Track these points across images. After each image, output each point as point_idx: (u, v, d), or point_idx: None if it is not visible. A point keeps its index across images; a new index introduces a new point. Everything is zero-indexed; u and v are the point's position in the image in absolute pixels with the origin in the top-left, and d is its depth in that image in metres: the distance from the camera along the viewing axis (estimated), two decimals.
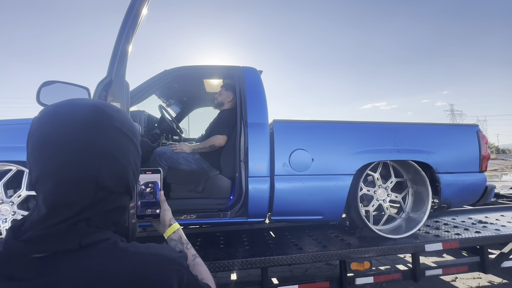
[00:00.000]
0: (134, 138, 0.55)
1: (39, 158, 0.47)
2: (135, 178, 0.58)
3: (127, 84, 1.22)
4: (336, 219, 2.12)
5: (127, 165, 0.53)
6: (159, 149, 2.13)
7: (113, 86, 1.15)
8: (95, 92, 1.18)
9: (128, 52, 1.19)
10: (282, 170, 1.98)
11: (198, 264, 0.72)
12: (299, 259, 1.83)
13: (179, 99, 3.21)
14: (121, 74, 1.17)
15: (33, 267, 0.44)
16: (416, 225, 2.14)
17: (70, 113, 0.49)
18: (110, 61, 1.18)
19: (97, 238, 0.47)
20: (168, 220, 0.79)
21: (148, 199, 0.80)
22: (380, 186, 2.22)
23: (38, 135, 0.48)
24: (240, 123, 2.06)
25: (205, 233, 2.43)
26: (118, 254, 0.47)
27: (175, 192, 2.14)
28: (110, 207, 0.51)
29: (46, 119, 0.49)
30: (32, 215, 0.48)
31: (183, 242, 0.76)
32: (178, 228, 0.78)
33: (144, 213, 0.79)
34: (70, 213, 0.47)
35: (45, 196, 0.47)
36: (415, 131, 2.21)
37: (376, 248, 1.92)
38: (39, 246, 0.45)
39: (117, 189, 0.52)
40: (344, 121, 2.15)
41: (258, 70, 2.29)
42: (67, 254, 0.45)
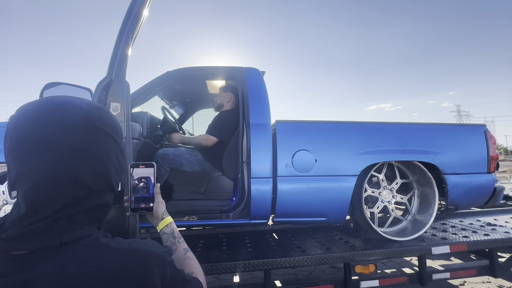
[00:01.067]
0: (115, 135, 0.55)
1: (16, 157, 0.47)
2: (119, 175, 0.57)
3: (127, 84, 1.22)
4: (340, 221, 2.08)
5: (107, 162, 0.53)
6: (161, 150, 2.13)
7: (113, 86, 1.15)
8: (95, 93, 1.18)
9: (128, 52, 1.19)
10: (285, 171, 1.95)
11: (189, 258, 0.71)
12: (303, 262, 1.80)
13: (182, 100, 3.22)
14: (121, 75, 1.17)
15: (14, 264, 0.44)
16: (423, 228, 2.09)
17: (47, 112, 0.49)
18: (110, 61, 1.17)
19: (78, 235, 0.47)
20: (161, 213, 0.79)
21: (142, 194, 0.79)
22: (385, 187, 2.18)
23: (15, 133, 0.47)
24: (242, 124, 2.05)
25: (208, 234, 2.41)
26: (99, 250, 0.47)
27: (177, 194, 2.14)
28: (92, 205, 0.51)
29: (22, 118, 0.48)
30: (13, 213, 0.48)
31: (175, 236, 0.76)
32: (170, 222, 0.78)
33: (138, 206, 0.79)
34: (50, 211, 0.46)
35: (24, 194, 0.47)
36: (421, 131, 2.16)
37: (382, 250, 1.88)
38: (19, 244, 0.45)
39: (98, 187, 0.52)
40: (348, 121, 2.12)
41: (260, 71, 2.28)
42: (47, 251, 0.45)
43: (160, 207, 0.79)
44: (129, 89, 1.24)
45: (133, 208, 0.79)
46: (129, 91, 1.23)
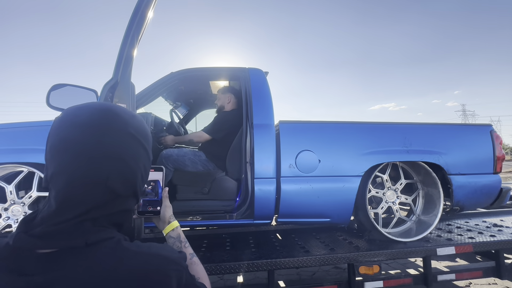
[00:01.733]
0: (146, 144, 0.57)
1: (55, 157, 0.50)
2: (143, 182, 0.59)
3: (132, 85, 1.23)
4: (344, 221, 2.08)
5: (136, 170, 0.55)
6: (165, 151, 2.15)
7: (118, 87, 1.17)
8: (101, 94, 1.20)
9: (133, 54, 1.20)
10: (289, 172, 1.95)
11: (195, 263, 0.72)
12: (306, 262, 1.80)
13: (185, 101, 3.24)
14: (126, 76, 1.18)
15: (40, 263, 0.45)
16: (427, 228, 2.08)
17: (87, 117, 0.51)
18: (116, 63, 1.19)
19: (102, 237, 0.49)
20: (168, 217, 0.79)
21: (150, 197, 0.80)
22: (389, 188, 2.17)
23: (57, 135, 0.51)
24: (246, 124, 2.05)
25: (211, 234, 2.42)
26: (121, 252, 0.49)
27: (181, 194, 2.15)
28: (116, 209, 0.53)
29: (66, 121, 0.51)
30: (43, 210, 0.50)
31: (181, 240, 0.76)
32: (177, 226, 0.79)
33: (145, 209, 0.79)
34: (77, 211, 0.48)
35: (56, 193, 0.49)
36: (425, 132, 2.15)
37: (386, 251, 1.87)
38: (46, 242, 0.46)
39: (125, 193, 0.53)
40: (352, 122, 2.12)
41: (264, 71, 2.28)
42: (72, 251, 0.47)
43: (167, 211, 0.80)
44: (135, 90, 1.25)
45: (140, 211, 0.80)
46: (134, 92, 1.24)
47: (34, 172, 1.79)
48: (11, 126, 1.86)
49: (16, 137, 1.84)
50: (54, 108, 1.49)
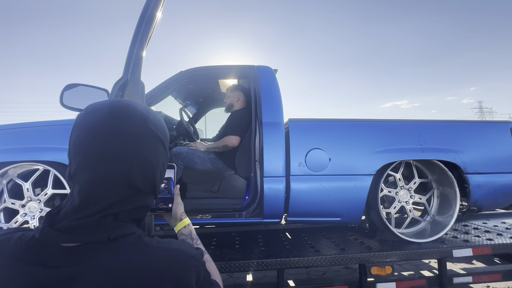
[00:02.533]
0: (165, 140, 0.58)
1: (78, 153, 0.51)
2: (161, 179, 0.60)
3: (142, 84, 1.24)
4: (355, 221, 2.04)
5: (156, 166, 0.55)
6: (175, 148, 2.17)
7: (128, 86, 1.18)
8: (112, 92, 1.21)
9: (143, 53, 1.21)
10: (298, 170, 1.93)
11: (207, 261, 0.72)
12: (317, 262, 1.77)
13: (195, 100, 3.25)
14: (136, 75, 1.19)
15: (64, 256, 0.46)
16: (443, 229, 2.01)
17: (111, 113, 0.52)
18: (126, 62, 1.20)
19: (123, 232, 0.50)
20: (180, 214, 0.80)
21: (163, 195, 0.81)
22: (402, 187, 2.11)
23: (81, 130, 0.51)
24: (255, 123, 2.04)
25: (221, 232, 2.43)
26: (142, 248, 0.49)
27: (190, 192, 2.16)
28: (136, 205, 0.53)
29: (90, 117, 0.52)
30: (66, 205, 0.51)
31: (193, 237, 0.76)
32: (188, 223, 0.79)
33: (157, 206, 0.80)
34: (100, 206, 0.49)
35: (80, 188, 0.50)
36: (441, 129, 2.08)
37: (399, 252, 1.82)
38: (71, 236, 0.47)
39: (145, 188, 0.54)
40: (363, 119, 2.07)
41: (273, 69, 2.27)
42: (96, 245, 0.48)
43: (179, 208, 0.81)
44: (144, 88, 1.26)
45: (152, 208, 0.80)
46: (144, 90, 1.25)
47: (49, 170, 1.84)
48: (27, 125, 1.92)
49: (32, 136, 1.89)
50: (68, 107, 1.53)
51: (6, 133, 1.91)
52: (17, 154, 1.84)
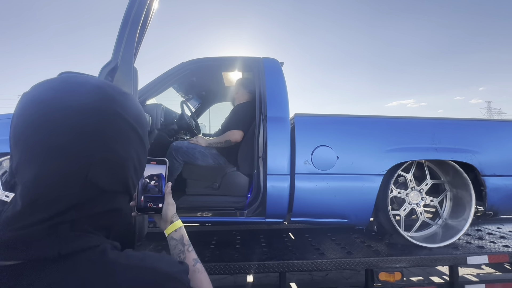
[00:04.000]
0: (139, 128, 0.46)
1: (19, 142, 0.39)
2: (137, 176, 0.48)
3: (135, 70, 1.14)
4: (363, 223, 1.93)
5: (126, 160, 0.44)
6: (175, 143, 2.08)
7: (119, 72, 1.08)
8: (99, 78, 1.11)
9: (137, 33, 1.10)
10: (304, 168, 1.83)
11: (198, 271, 0.62)
12: (321, 266, 1.68)
13: (198, 93, 3.16)
14: (128, 59, 1.09)
15: (2, 278, 0.35)
16: (456, 234, 1.89)
17: (62, 92, 0.40)
18: (116, 44, 1.10)
19: (81, 245, 0.38)
20: (171, 216, 0.70)
21: (153, 193, 0.72)
22: (413, 188, 2.00)
23: (22, 114, 0.40)
24: (259, 117, 1.94)
25: (221, 231, 2.35)
26: (105, 266, 0.38)
27: (190, 188, 2.08)
28: (101, 209, 0.42)
29: (33, 97, 0.40)
30: (7, 210, 0.40)
31: (184, 243, 0.67)
32: (180, 226, 0.70)
33: (146, 206, 0.71)
34: (50, 212, 0.38)
35: (23, 188, 0.39)
36: (457, 128, 1.95)
37: (409, 258, 1.72)
38: (11, 251, 0.36)
39: (112, 187, 0.43)
40: (374, 116, 1.95)
41: (279, 61, 2.16)
42: (42, 263, 0.36)
43: (170, 208, 0.71)
44: (137, 75, 1.16)
45: (140, 208, 0.72)
46: (137, 78, 1.15)
47: None
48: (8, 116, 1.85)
49: None
50: None
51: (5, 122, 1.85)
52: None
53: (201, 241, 2.05)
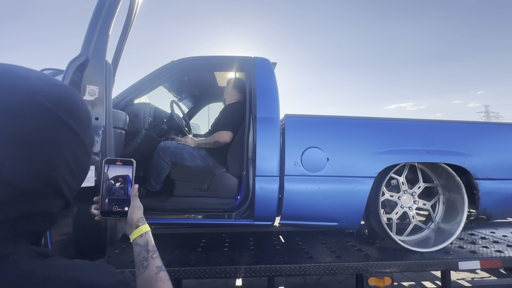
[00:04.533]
0: (72, 121, 0.41)
1: None
2: (75, 176, 0.44)
3: (108, 65, 1.09)
4: (354, 226, 1.89)
5: (54, 157, 0.39)
6: (163, 143, 2.04)
7: (89, 66, 1.03)
8: (66, 73, 1.04)
9: (111, 25, 1.05)
10: (293, 170, 1.79)
11: (160, 280, 0.58)
12: (309, 270, 1.64)
13: (191, 93, 3.13)
14: (100, 53, 1.04)
15: None
16: (448, 238, 1.86)
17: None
18: (86, 37, 1.04)
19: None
20: (136, 220, 0.66)
21: (118, 196, 0.68)
22: (405, 191, 1.96)
23: None
24: (249, 118, 1.90)
25: (211, 233, 2.30)
26: (15, 279, 0.33)
27: (178, 190, 2.04)
28: (22, 212, 0.37)
29: None
30: None
31: (149, 249, 0.62)
32: (146, 232, 0.65)
33: (111, 209, 0.67)
34: None
35: None
36: (450, 130, 1.92)
37: (400, 262, 1.68)
38: None
39: (34, 188, 0.38)
40: (365, 117, 1.92)
41: (271, 62, 2.12)
42: None
43: (136, 212, 0.67)
44: (111, 71, 1.11)
45: (104, 211, 0.67)
46: (111, 73, 1.10)
47: None
48: None
49: None
50: None
51: None
52: None
53: (188, 244, 2.01)
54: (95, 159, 1.00)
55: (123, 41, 1.62)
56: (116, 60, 1.63)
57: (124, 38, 1.59)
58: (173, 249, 1.91)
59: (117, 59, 1.63)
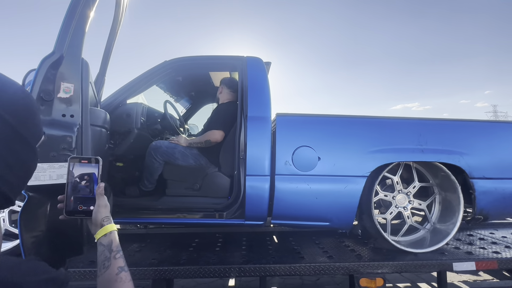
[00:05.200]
0: (10, 117, 0.40)
1: None
2: (15, 172, 0.43)
3: (85, 62, 1.09)
4: (346, 226, 1.87)
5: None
6: (154, 142, 2.04)
7: (64, 64, 1.03)
8: (39, 71, 1.04)
9: (87, 22, 1.05)
10: (284, 169, 1.78)
11: (121, 280, 0.57)
12: (299, 270, 1.62)
13: (187, 94, 3.13)
14: (75, 49, 1.04)
15: None
16: (444, 239, 1.82)
17: None
18: (60, 34, 1.04)
19: None
20: (101, 219, 0.65)
21: (84, 194, 0.67)
22: (400, 191, 1.93)
23: None
24: (240, 117, 1.89)
25: (204, 233, 2.30)
26: None
27: (170, 189, 2.04)
28: None
29: None
30: None
31: (112, 249, 0.62)
32: (111, 231, 0.64)
33: (76, 208, 0.67)
34: None
35: None
36: (444, 128, 1.88)
37: (392, 263, 1.65)
38: None
39: None
40: (357, 116, 1.90)
41: (265, 61, 2.12)
42: None
43: (101, 211, 0.66)
44: (88, 68, 1.11)
45: (69, 210, 0.67)
46: (87, 70, 1.10)
47: None
48: None
49: None
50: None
51: None
52: None
53: (181, 243, 2.01)
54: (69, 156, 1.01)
55: (112, 40, 1.62)
56: (106, 59, 1.63)
57: (113, 37, 1.59)
58: (165, 248, 1.91)
59: (107, 58, 1.64)
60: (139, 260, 1.68)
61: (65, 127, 1.00)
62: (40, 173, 0.98)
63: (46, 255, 0.95)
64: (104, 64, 1.70)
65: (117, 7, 1.14)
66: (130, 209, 1.87)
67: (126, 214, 1.85)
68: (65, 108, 1.02)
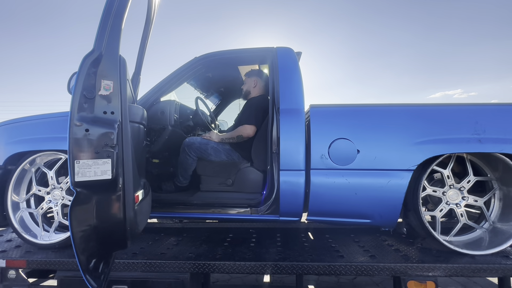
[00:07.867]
0: None
1: None
2: None
3: (122, 60, 1.11)
4: (389, 224, 1.73)
5: None
6: (188, 139, 2.07)
7: (103, 61, 1.06)
8: (81, 69, 1.08)
9: (123, 20, 1.07)
10: (320, 163, 1.69)
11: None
12: (339, 270, 1.53)
13: (216, 89, 3.15)
14: (113, 48, 1.07)
15: None
16: (507, 240, 1.60)
17: None
18: (98, 33, 1.08)
19: None
20: None
21: None
22: (451, 186, 1.74)
23: None
24: (272, 110, 1.84)
25: (237, 228, 2.30)
26: None
27: (204, 184, 2.06)
28: None
29: None
30: None
31: None
32: None
33: None
34: None
35: None
36: (506, 114, 1.64)
37: (445, 266, 1.49)
38: None
39: None
40: (400, 104, 1.73)
41: (296, 51, 2.03)
42: None
43: None
44: (126, 65, 1.13)
45: None
46: (125, 67, 1.12)
47: None
48: (50, 116, 1.97)
49: (54, 126, 1.95)
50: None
51: (34, 123, 2.00)
52: (42, 143, 1.91)
53: (215, 238, 2.03)
54: (112, 152, 1.04)
55: (146, 39, 1.66)
56: (141, 57, 1.67)
57: (146, 35, 1.63)
58: (200, 243, 1.94)
59: (142, 56, 1.68)
60: (177, 253, 1.73)
61: (106, 124, 1.04)
62: (86, 169, 1.04)
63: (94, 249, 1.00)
64: (139, 63, 1.76)
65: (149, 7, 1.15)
66: (167, 204, 1.92)
67: (163, 209, 1.91)
68: (106, 105, 1.06)
